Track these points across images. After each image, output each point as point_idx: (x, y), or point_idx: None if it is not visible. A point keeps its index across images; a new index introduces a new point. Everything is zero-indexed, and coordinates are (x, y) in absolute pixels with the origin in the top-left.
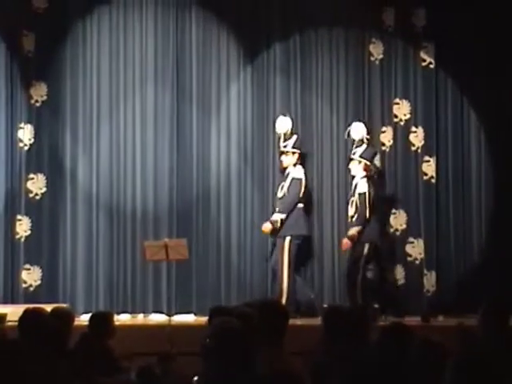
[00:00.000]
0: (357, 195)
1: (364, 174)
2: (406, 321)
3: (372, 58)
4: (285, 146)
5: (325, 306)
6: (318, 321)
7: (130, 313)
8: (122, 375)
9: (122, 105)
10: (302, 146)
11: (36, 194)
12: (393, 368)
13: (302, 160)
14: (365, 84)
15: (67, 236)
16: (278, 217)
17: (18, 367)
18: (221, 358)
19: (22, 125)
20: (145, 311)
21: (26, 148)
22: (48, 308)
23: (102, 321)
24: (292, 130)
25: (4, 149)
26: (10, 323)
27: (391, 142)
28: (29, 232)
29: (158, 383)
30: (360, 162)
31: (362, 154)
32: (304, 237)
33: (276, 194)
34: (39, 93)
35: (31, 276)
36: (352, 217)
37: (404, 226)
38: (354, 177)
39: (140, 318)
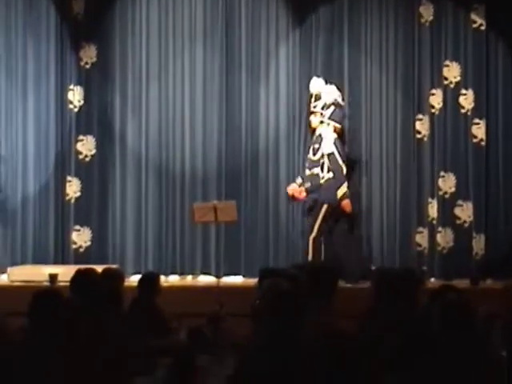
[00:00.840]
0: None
1: (334, 135)
2: (455, 283)
3: (422, 20)
4: (314, 107)
5: (373, 268)
6: (366, 284)
7: (179, 274)
8: (172, 335)
9: (171, 67)
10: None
11: (86, 156)
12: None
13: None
14: (414, 46)
15: (116, 197)
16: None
17: (73, 325)
18: (271, 320)
19: (71, 87)
20: (193, 272)
21: (76, 110)
22: (98, 269)
23: (151, 281)
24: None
25: (54, 111)
26: (60, 283)
27: (441, 104)
28: (79, 193)
29: (207, 344)
30: (329, 124)
31: (330, 115)
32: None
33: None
34: (89, 55)
35: (81, 237)
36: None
37: (453, 189)
38: (322, 139)
39: (189, 280)
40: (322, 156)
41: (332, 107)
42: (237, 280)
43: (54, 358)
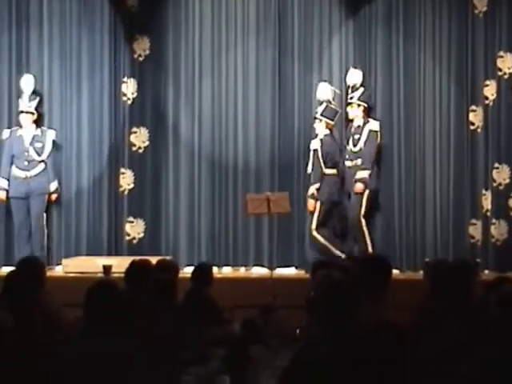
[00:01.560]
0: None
1: (326, 131)
2: (509, 275)
3: (476, 11)
4: (351, 98)
5: (427, 260)
6: (418, 275)
7: (232, 266)
8: (225, 327)
9: (223, 58)
10: (368, 99)
11: (139, 148)
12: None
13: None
14: (468, 37)
15: (169, 189)
16: (364, 174)
17: (127, 317)
18: (325, 311)
19: (125, 79)
20: (246, 264)
21: (130, 102)
22: (152, 260)
23: (204, 273)
24: (362, 82)
25: (108, 103)
26: (114, 274)
27: (494, 95)
28: (132, 185)
29: (260, 335)
30: (321, 120)
31: (322, 112)
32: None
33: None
34: (142, 47)
35: (135, 228)
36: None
37: (507, 181)
38: (316, 135)
39: (242, 271)
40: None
41: (324, 104)
42: (290, 272)
43: (109, 348)
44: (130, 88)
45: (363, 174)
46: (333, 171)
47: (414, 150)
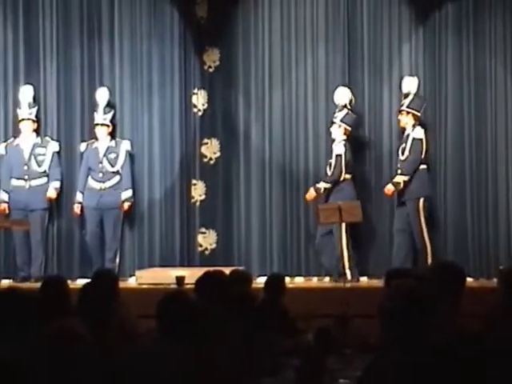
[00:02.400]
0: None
1: (344, 137)
2: None
3: None
4: (401, 105)
5: (501, 267)
6: (491, 283)
7: (304, 275)
8: (298, 336)
9: (293, 68)
10: (418, 107)
11: (210, 159)
12: None
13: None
14: None
15: (241, 199)
16: (400, 179)
17: (198, 328)
18: (400, 320)
19: (195, 90)
20: (319, 274)
21: (200, 113)
22: (225, 271)
23: (277, 283)
24: (418, 89)
25: (179, 114)
26: (187, 285)
27: None
28: (203, 196)
29: (335, 345)
30: (340, 126)
31: (342, 118)
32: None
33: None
34: (212, 58)
35: (207, 239)
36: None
37: None
38: (333, 140)
39: (314, 281)
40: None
41: (345, 110)
42: (362, 281)
43: (182, 359)
44: (200, 99)
45: (400, 178)
46: (350, 176)
47: (485, 157)
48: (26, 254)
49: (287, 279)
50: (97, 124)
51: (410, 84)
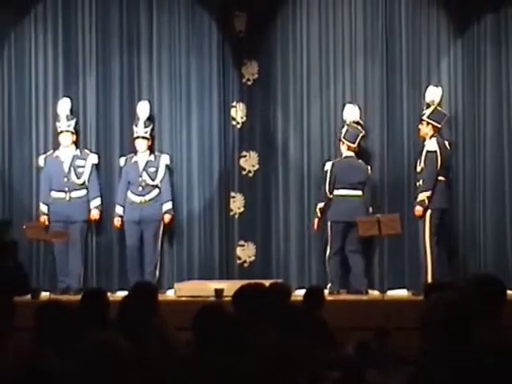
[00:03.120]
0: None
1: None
2: None
3: None
4: (422, 115)
5: None
6: None
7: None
8: (338, 349)
9: (331, 81)
10: (439, 119)
11: (249, 172)
12: None
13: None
14: None
15: (280, 212)
16: (423, 196)
17: (236, 340)
18: (440, 333)
19: (234, 103)
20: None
21: (239, 126)
22: (265, 284)
23: (316, 295)
24: (441, 100)
25: (217, 127)
26: (226, 298)
27: None
28: (242, 209)
29: (375, 358)
30: (343, 142)
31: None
32: (443, 210)
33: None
34: (251, 71)
35: (245, 252)
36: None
37: None
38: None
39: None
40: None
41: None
42: (401, 293)
43: (220, 372)
44: (239, 112)
45: (422, 196)
46: (341, 192)
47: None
48: (65, 266)
49: (326, 292)
50: (137, 137)
51: (434, 94)
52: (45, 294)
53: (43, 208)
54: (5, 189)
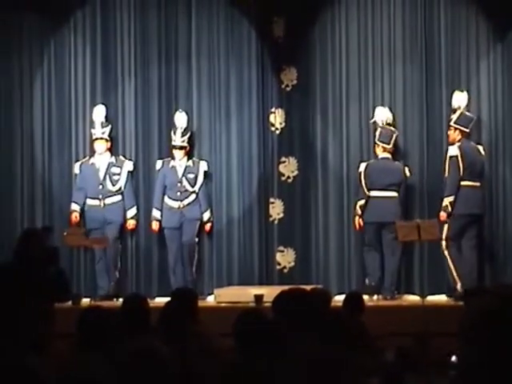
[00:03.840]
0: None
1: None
2: None
3: None
4: (450, 120)
5: None
6: None
7: (382, 293)
8: (378, 355)
9: (370, 87)
10: (465, 123)
11: (288, 177)
12: None
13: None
14: None
15: (319, 218)
16: (446, 201)
17: (276, 346)
18: (482, 339)
19: (273, 109)
20: (398, 292)
21: (278, 132)
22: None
23: (355, 301)
24: (467, 104)
25: (257, 133)
26: (266, 304)
27: None
28: (282, 215)
29: (415, 363)
30: (378, 145)
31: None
32: (471, 215)
33: None
34: (289, 77)
35: (285, 258)
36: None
37: None
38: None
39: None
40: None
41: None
42: (441, 299)
43: (261, 377)
44: (278, 118)
45: (446, 201)
46: (374, 193)
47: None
48: (104, 272)
49: (365, 297)
50: (174, 146)
51: (460, 99)
52: (85, 300)
53: (74, 206)
54: (45, 195)
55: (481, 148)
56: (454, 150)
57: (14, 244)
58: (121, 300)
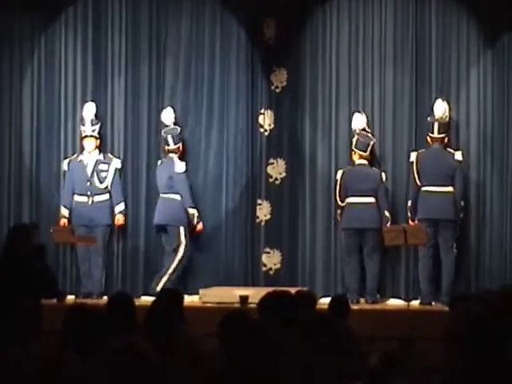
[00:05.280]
0: None
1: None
2: None
3: None
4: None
5: None
6: None
7: (365, 297)
8: (363, 358)
9: (360, 90)
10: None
11: (276, 179)
12: None
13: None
14: None
15: (306, 220)
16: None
17: (258, 347)
18: (467, 345)
19: (262, 110)
20: (382, 296)
21: (267, 133)
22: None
23: (341, 304)
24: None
25: (245, 134)
26: (251, 305)
27: None
28: (268, 216)
29: (400, 368)
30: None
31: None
32: (436, 220)
33: None
34: (279, 79)
35: (271, 259)
36: None
37: None
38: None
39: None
40: None
41: None
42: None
43: (246, 378)
44: (266, 119)
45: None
46: (351, 200)
47: None
48: (87, 270)
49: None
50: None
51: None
52: (70, 298)
53: (64, 211)
54: (32, 192)
55: (457, 154)
56: (412, 156)
57: (2, 240)
58: (106, 298)
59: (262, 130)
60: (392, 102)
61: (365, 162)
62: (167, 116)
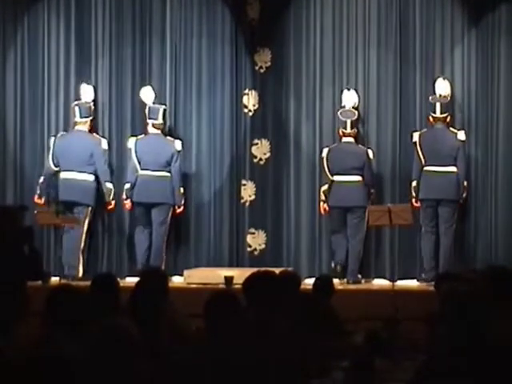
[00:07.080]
0: None
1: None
2: None
3: None
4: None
5: None
6: None
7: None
8: (347, 338)
9: (344, 69)
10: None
11: (260, 159)
12: None
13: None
14: None
15: (291, 200)
16: (411, 186)
17: (244, 327)
18: (451, 324)
19: (246, 91)
20: (367, 276)
21: (251, 114)
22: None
23: (326, 284)
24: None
25: (229, 115)
26: (236, 286)
27: None
28: (253, 197)
29: (384, 347)
30: None
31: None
32: (437, 200)
33: None
34: (263, 59)
35: (256, 240)
36: None
37: None
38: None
39: (362, 283)
40: None
41: None
42: (411, 284)
43: (231, 359)
44: (251, 100)
45: (411, 186)
46: (337, 178)
47: None
48: (71, 251)
49: (336, 281)
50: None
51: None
52: (54, 279)
53: (41, 180)
54: (16, 172)
55: (460, 133)
56: (415, 137)
57: None
58: (90, 279)
59: (246, 110)
60: (376, 82)
61: (351, 139)
62: (146, 94)
